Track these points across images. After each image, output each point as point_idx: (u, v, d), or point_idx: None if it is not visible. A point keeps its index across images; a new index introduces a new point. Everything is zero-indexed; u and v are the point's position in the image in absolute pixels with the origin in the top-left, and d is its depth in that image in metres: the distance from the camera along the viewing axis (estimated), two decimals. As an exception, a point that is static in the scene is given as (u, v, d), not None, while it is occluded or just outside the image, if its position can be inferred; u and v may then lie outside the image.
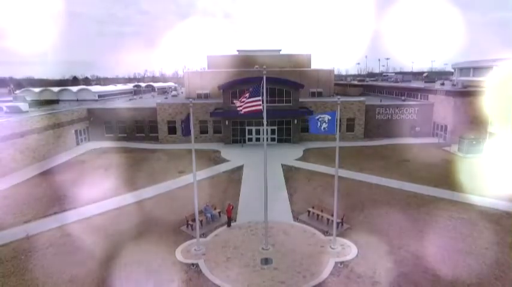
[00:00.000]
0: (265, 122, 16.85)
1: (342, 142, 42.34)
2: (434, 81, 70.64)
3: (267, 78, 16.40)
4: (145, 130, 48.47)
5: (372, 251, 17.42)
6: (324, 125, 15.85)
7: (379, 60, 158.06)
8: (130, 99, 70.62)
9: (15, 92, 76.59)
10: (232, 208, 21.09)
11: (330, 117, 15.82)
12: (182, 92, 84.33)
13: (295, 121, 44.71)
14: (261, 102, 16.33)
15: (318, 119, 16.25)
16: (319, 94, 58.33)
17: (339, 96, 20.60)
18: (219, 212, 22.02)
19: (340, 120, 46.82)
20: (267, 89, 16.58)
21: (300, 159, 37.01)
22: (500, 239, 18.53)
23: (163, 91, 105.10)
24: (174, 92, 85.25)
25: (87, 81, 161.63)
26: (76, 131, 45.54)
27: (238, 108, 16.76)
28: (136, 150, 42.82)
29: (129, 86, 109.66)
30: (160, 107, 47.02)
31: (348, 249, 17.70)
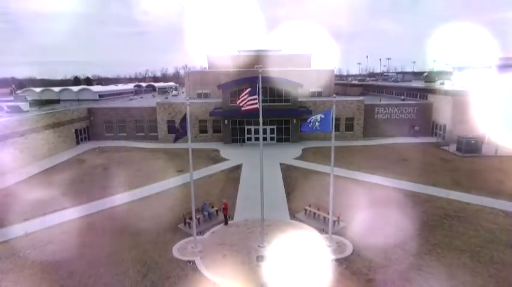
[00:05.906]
0: (261, 121, 17.03)
1: (341, 141, 42.51)
2: (434, 81, 70.66)
3: (266, 77, 16.58)
4: (145, 129, 48.73)
5: (367, 249, 17.53)
6: (317, 124, 15.95)
7: (380, 60, 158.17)
8: (130, 99, 70.99)
9: (16, 92, 76.95)
10: (226, 206, 21.00)
11: (323, 116, 15.95)
12: (183, 92, 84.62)
13: (294, 121, 44.82)
14: (257, 101, 16.50)
15: (311, 119, 16.43)
16: (319, 94, 58.43)
17: (334, 95, 20.77)
18: (217, 210, 22.18)
19: (339, 120, 47.18)
20: (267, 88, 16.77)
21: (298, 158, 37.12)
22: (495, 237, 18.65)
23: (164, 91, 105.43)
24: (174, 92, 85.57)
25: (88, 81, 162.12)
26: (76, 130, 45.81)
27: (242, 107, 16.98)
28: (136, 149, 43.07)
29: (130, 86, 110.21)
30: (160, 106, 47.28)
31: (343, 247, 17.84)
